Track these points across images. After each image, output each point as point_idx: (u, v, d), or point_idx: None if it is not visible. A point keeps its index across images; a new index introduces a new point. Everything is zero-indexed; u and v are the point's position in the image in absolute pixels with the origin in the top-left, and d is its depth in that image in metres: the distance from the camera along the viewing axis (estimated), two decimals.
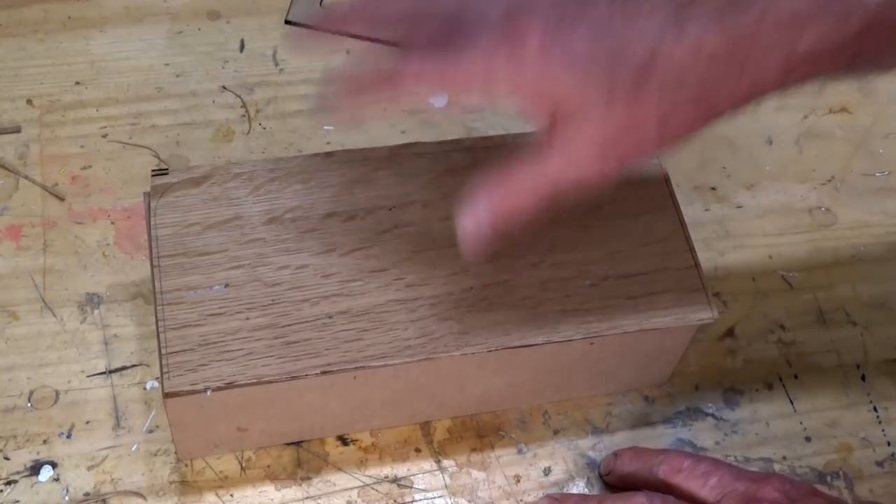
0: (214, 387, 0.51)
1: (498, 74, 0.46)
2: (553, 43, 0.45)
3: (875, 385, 0.64)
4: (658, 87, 0.44)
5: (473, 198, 0.48)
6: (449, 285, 0.55)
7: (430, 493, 0.58)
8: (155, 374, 0.60)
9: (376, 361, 0.52)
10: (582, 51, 0.44)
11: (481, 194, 0.48)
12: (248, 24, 0.75)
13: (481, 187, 0.48)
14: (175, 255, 0.54)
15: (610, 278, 0.56)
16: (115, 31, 0.74)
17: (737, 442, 0.61)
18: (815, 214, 0.70)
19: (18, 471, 0.57)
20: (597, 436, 0.61)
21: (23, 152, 0.68)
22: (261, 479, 0.58)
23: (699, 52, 0.43)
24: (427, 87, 0.48)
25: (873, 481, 0.61)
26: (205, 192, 0.57)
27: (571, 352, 0.56)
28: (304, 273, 0.55)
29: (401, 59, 0.48)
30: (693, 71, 0.44)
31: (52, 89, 0.71)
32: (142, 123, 0.70)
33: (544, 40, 0.45)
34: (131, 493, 0.57)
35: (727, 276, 0.67)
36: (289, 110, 0.71)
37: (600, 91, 0.44)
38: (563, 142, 0.46)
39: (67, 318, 0.62)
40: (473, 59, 0.46)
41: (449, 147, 0.60)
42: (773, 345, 0.65)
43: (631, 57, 0.44)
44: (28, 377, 0.60)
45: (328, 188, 0.57)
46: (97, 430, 0.59)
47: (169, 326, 0.52)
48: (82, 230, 0.65)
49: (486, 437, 0.60)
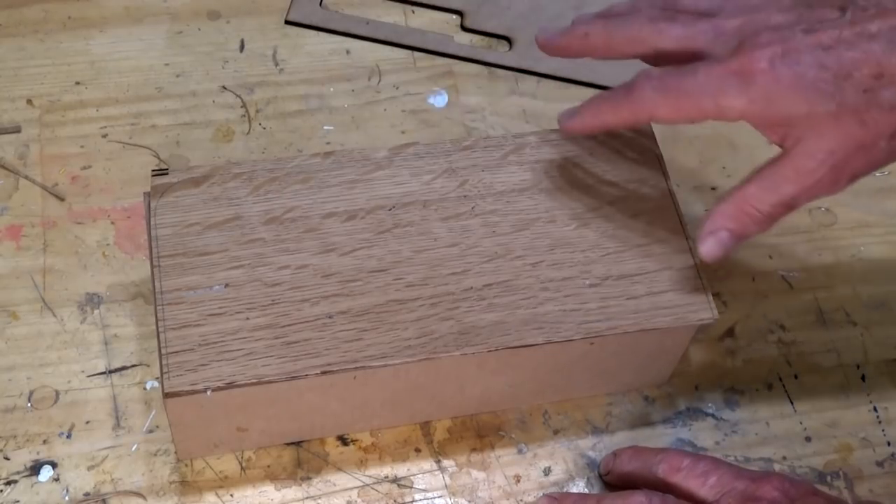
0: (214, 387, 0.51)
1: (728, 99, 0.48)
2: (782, 68, 0.47)
3: (875, 385, 0.64)
4: (889, 104, 0.47)
5: (713, 220, 0.52)
6: (449, 285, 0.55)
7: (430, 493, 0.59)
8: (155, 374, 0.60)
9: (376, 361, 0.52)
10: (811, 77, 0.47)
11: (720, 217, 0.51)
12: (248, 24, 0.75)
13: (718, 210, 0.51)
14: (175, 255, 0.54)
15: (610, 278, 0.56)
16: (115, 31, 0.74)
17: (737, 442, 0.61)
18: (815, 214, 0.70)
19: (18, 471, 0.57)
20: (597, 436, 0.61)
21: (23, 152, 0.68)
22: (261, 479, 0.58)
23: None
24: (661, 106, 0.50)
25: (873, 481, 0.61)
26: (205, 192, 0.57)
27: (571, 352, 0.56)
28: (304, 273, 0.55)
29: (642, 76, 0.51)
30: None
31: (52, 89, 0.71)
32: (142, 123, 0.70)
33: (773, 65, 0.47)
34: (131, 493, 0.57)
35: (727, 276, 0.67)
36: (289, 110, 0.71)
37: (830, 113, 0.47)
38: (796, 166, 0.49)
39: (67, 318, 0.62)
40: (708, 81, 0.49)
41: (449, 147, 0.60)
42: (773, 345, 0.65)
43: (858, 79, 0.47)
44: (28, 377, 0.60)
45: (328, 188, 0.57)
46: (97, 430, 0.59)
47: (169, 326, 0.52)
48: (82, 230, 0.65)
49: (486, 437, 0.60)
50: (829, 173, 0.49)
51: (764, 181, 0.50)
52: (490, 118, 0.72)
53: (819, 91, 0.47)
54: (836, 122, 0.48)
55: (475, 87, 0.73)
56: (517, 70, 0.74)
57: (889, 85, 0.47)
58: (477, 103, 0.73)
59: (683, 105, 0.50)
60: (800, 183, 0.49)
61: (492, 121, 0.72)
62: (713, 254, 0.52)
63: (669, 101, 0.50)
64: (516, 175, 0.59)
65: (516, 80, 0.74)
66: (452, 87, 0.73)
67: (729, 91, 0.48)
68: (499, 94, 0.73)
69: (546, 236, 0.57)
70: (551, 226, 0.57)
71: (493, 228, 0.57)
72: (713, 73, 0.49)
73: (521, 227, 0.57)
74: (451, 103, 0.72)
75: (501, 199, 0.58)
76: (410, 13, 0.76)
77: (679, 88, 0.50)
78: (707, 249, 0.52)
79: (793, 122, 0.48)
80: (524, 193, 0.58)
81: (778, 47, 0.48)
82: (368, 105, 0.72)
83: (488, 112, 0.72)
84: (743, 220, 0.51)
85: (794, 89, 0.47)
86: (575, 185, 0.59)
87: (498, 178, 0.59)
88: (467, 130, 0.71)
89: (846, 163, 0.49)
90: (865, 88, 0.47)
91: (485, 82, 0.74)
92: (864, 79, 0.47)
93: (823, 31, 0.48)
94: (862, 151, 0.48)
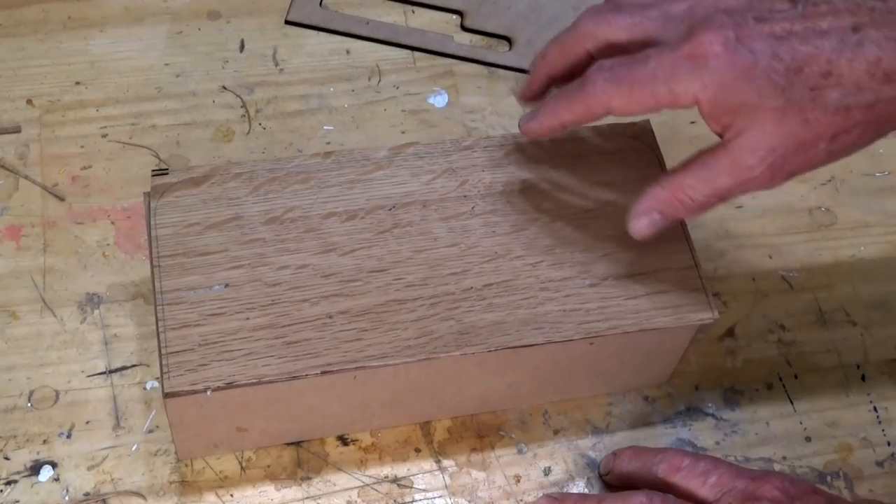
0: (214, 387, 0.51)
1: (682, 84, 0.47)
2: (736, 54, 0.46)
3: (875, 385, 0.64)
4: (833, 105, 0.46)
5: (647, 201, 0.51)
6: (449, 285, 0.55)
7: (430, 493, 0.58)
8: (155, 374, 0.60)
9: (376, 361, 0.52)
10: (763, 66, 0.46)
11: (654, 201, 0.51)
12: (248, 24, 0.75)
13: (653, 193, 0.51)
14: (175, 255, 0.54)
15: (610, 278, 0.56)
16: (115, 31, 0.74)
17: (737, 442, 0.61)
18: (815, 214, 0.70)
19: (18, 471, 0.57)
20: (597, 436, 0.61)
21: (23, 152, 0.68)
22: (261, 479, 0.58)
23: (875, 73, 0.45)
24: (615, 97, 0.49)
25: (873, 481, 0.61)
26: (205, 192, 0.57)
27: (571, 352, 0.56)
28: (304, 273, 0.55)
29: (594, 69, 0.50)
30: (868, 91, 0.45)
31: (52, 89, 0.71)
32: (142, 123, 0.70)
33: (727, 50, 0.46)
34: (131, 493, 0.57)
35: (727, 276, 0.67)
36: (289, 110, 0.71)
37: (776, 108, 0.46)
38: (734, 160, 0.48)
39: (67, 318, 0.62)
40: (660, 67, 0.48)
41: (449, 147, 0.60)
42: (773, 345, 0.65)
43: (807, 75, 0.45)
44: (28, 377, 0.60)
45: (328, 188, 0.57)
46: (97, 430, 0.59)
47: (169, 326, 0.52)
48: (82, 230, 0.65)
49: (486, 437, 0.60)
50: (767, 171, 0.48)
51: (701, 171, 0.49)
52: (490, 118, 0.72)
53: (771, 82, 0.46)
54: (781, 119, 0.46)
55: (475, 87, 0.73)
56: (517, 70, 0.74)
57: (836, 85, 0.45)
58: (477, 103, 0.73)
59: (637, 94, 0.49)
60: (736, 177, 0.48)
61: (492, 121, 0.72)
62: (643, 233, 0.52)
63: (623, 91, 0.49)
64: (516, 175, 0.59)
65: (516, 80, 0.73)
66: (452, 87, 0.73)
67: (682, 76, 0.47)
68: (499, 94, 0.73)
69: (546, 236, 0.57)
70: (551, 226, 0.57)
71: (493, 228, 0.57)
72: (664, 58, 0.47)
73: (521, 227, 0.57)
74: (451, 103, 0.72)
75: (501, 199, 0.58)
76: (410, 13, 0.76)
77: (631, 78, 0.48)
78: (637, 228, 0.52)
79: (740, 111, 0.47)
80: (524, 193, 0.58)
81: (731, 32, 0.46)
82: (368, 105, 0.72)
83: (488, 112, 0.72)
84: (675, 207, 0.51)
85: (746, 77, 0.46)
86: (575, 186, 0.59)
87: (498, 178, 0.59)
88: (467, 130, 0.71)
89: (784, 161, 0.47)
90: (813, 86, 0.46)
91: (485, 82, 0.74)
92: (812, 76, 0.45)
93: (776, 22, 0.46)
94: (801, 151, 0.47)
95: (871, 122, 0.46)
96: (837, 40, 0.45)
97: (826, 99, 0.46)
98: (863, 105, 0.46)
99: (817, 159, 0.48)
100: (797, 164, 0.48)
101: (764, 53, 0.46)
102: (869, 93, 0.45)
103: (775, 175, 0.48)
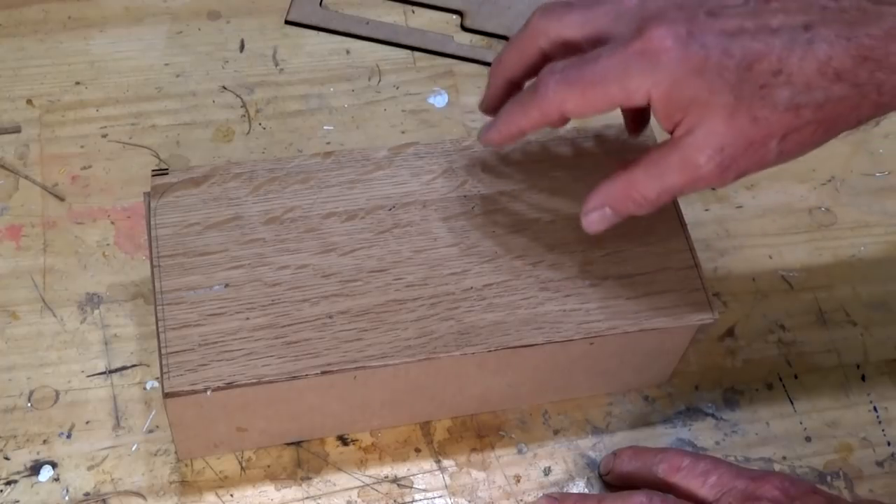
0: (214, 387, 0.51)
1: (634, 81, 0.46)
2: (688, 49, 0.45)
3: (875, 385, 0.64)
4: (783, 104, 0.45)
5: (599, 198, 0.51)
6: (449, 285, 0.55)
7: (430, 493, 0.58)
8: (155, 374, 0.60)
9: (376, 361, 0.52)
10: (715, 61, 0.45)
11: (605, 197, 0.51)
12: (248, 24, 0.75)
13: (605, 189, 0.50)
14: (175, 255, 0.54)
15: (610, 278, 0.56)
16: (115, 31, 0.74)
17: (737, 442, 0.61)
18: (815, 214, 0.70)
19: (18, 471, 0.57)
20: (597, 436, 0.61)
21: (23, 152, 0.68)
22: (261, 479, 0.58)
23: (825, 71, 0.44)
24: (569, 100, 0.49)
25: (873, 481, 0.61)
26: (205, 192, 0.57)
27: (571, 352, 0.56)
28: (304, 273, 0.55)
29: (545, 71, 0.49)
30: (818, 89, 0.45)
31: (52, 89, 0.71)
32: (142, 123, 0.70)
33: (678, 45, 0.45)
34: (131, 493, 0.57)
35: (727, 276, 0.67)
36: (289, 110, 0.71)
37: (726, 105, 0.45)
38: (684, 157, 0.47)
39: (67, 318, 0.62)
40: (611, 65, 0.47)
41: (449, 147, 0.60)
42: (773, 345, 0.65)
43: (757, 73, 0.45)
44: (28, 377, 0.60)
45: (328, 188, 0.57)
46: (97, 430, 0.59)
47: (169, 326, 0.52)
48: (82, 230, 0.65)
49: (486, 437, 0.60)
50: (716, 169, 0.47)
51: (651, 169, 0.49)
52: None
53: (722, 78, 0.45)
54: (730, 117, 0.46)
55: (475, 87, 0.73)
56: None
57: (785, 84, 0.45)
58: (477, 103, 0.72)
59: (590, 95, 0.48)
60: (685, 175, 0.48)
61: None
62: (594, 228, 0.51)
63: (576, 93, 0.48)
64: (516, 175, 0.59)
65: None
66: (452, 87, 0.73)
67: (634, 73, 0.46)
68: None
69: (546, 236, 0.57)
70: (551, 226, 0.57)
71: (493, 228, 0.57)
72: (615, 56, 0.47)
73: (520, 227, 0.57)
74: (451, 103, 0.72)
75: (501, 199, 0.58)
76: (410, 13, 0.77)
77: (582, 79, 0.48)
78: (588, 222, 0.51)
79: (690, 108, 0.46)
80: (524, 193, 0.58)
81: (682, 27, 0.46)
82: (368, 105, 0.72)
83: None
84: (627, 203, 0.50)
85: (698, 72, 0.45)
86: (575, 186, 0.59)
87: (498, 177, 0.59)
88: (467, 130, 0.71)
89: (734, 160, 0.47)
90: (762, 84, 0.45)
91: (484, 82, 0.73)
92: (762, 73, 0.45)
93: (727, 17, 0.46)
94: (751, 150, 0.46)
95: (821, 121, 0.46)
96: (788, 38, 0.45)
97: (776, 97, 0.45)
98: (813, 104, 0.45)
99: (768, 159, 0.47)
100: (747, 163, 0.47)
101: (715, 49, 0.45)
102: (819, 91, 0.45)
103: (725, 174, 0.47)
